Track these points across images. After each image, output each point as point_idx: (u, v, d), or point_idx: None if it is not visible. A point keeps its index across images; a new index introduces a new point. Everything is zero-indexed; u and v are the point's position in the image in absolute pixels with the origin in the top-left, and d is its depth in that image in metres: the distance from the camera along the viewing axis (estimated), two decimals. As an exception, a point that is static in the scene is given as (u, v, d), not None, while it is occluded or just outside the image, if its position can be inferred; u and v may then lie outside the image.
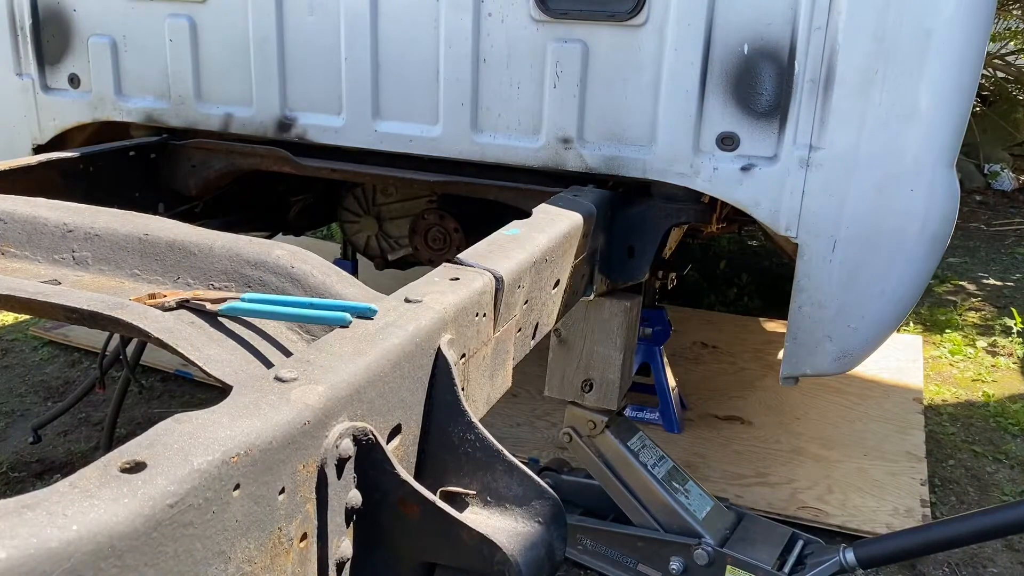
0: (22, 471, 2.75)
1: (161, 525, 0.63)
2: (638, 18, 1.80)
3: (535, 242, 1.44)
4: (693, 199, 1.91)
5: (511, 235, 1.44)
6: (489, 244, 1.38)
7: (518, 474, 1.00)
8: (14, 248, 1.27)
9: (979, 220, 6.26)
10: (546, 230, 1.51)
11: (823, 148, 1.71)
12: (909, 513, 2.55)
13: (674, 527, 2.06)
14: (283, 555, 0.78)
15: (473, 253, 1.31)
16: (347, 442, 0.84)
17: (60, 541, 0.56)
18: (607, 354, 2.02)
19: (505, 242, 1.40)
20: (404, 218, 2.93)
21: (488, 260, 1.28)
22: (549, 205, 1.67)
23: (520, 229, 1.48)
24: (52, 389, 3.28)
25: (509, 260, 1.31)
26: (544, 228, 1.52)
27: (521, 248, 1.38)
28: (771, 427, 3.06)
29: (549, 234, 1.49)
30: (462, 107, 1.99)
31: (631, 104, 1.86)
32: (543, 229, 1.51)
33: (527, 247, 1.40)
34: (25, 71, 2.45)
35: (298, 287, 1.17)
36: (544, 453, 2.78)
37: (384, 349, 0.95)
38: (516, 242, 1.41)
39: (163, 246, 1.22)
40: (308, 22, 2.11)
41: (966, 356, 3.90)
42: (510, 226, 1.50)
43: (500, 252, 1.34)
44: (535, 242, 1.44)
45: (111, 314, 1.01)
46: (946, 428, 3.20)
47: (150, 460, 0.66)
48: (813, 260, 1.77)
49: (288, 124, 2.20)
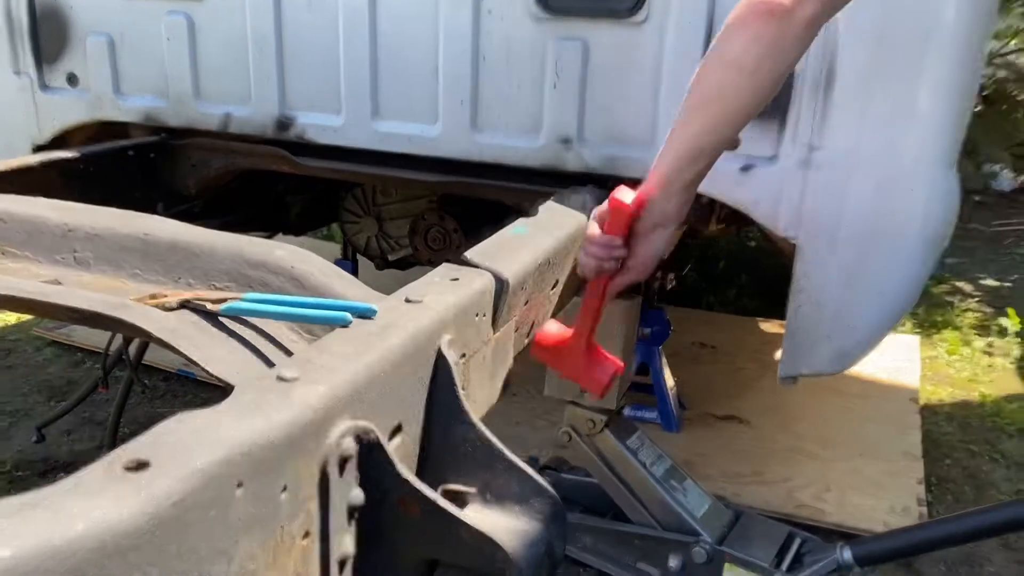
0: (26, 470, 2.76)
1: (164, 523, 0.63)
2: (638, 16, 1.80)
3: (540, 243, 1.44)
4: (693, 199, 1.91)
5: (517, 234, 1.45)
6: (495, 243, 1.38)
7: (518, 473, 1.00)
8: (15, 248, 1.28)
9: (978, 220, 6.27)
10: (552, 231, 1.51)
11: (823, 148, 1.71)
12: (906, 512, 2.55)
13: (672, 525, 2.06)
14: (285, 553, 0.78)
15: (480, 252, 1.31)
16: (349, 441, 0.84)
17: (64, 539, 0.56)
18: (606, 353, 2.02)
19: (511, 242, 1.41)
20: (404, 218, 2.94)
21: (494, 260, 1.29)
22: (555, 203, 1.67)
23: (527, 228, 1.49)
24: (55, 389, 3.27)
25: (515, 262, 1.32)
26: (550, 229, 1.52)
27: (527, 249, 1.39)
28: (769, 426, 3.06)
29: (555, 235, 1.50)
30: (461, 106, 1.99)
31: (631, 103, 1.86)
32: (549, 230, 1.51)
33: (533, 248, 1.41)
34: (23, 69, 2.45)
35: (299, 287, 1.17)
36: (544, 452, 2.78)
37: (385, 349, 0.95)
38: (522, 242, 1.41)
39: (164, 246, 1.22)
40: (307, 20, 2.11)
41: (963, 356, 3.91)
42: (516, 224, 1.50)
43: (506, 252, 1.34)
44: (540, 243, 1.44)
45: (113, 314, 1.01)
46: (943, 428, 3.21)
47: (153, 459, 0.66)
48: (812, 260, 1.77)
49: (287, 123, 2.20)
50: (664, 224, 1.30)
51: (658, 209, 1.28)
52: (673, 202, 1.28)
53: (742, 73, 1.19)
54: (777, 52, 1.17)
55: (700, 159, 1.25)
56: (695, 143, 1.24)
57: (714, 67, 1.23)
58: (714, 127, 1.23)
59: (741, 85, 1.20)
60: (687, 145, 1.25)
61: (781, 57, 1.18)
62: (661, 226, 1.30)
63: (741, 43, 1.19)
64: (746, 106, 1.22)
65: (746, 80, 1.19)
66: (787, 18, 1.15)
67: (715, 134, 1.24)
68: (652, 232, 1.30)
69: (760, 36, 1.16)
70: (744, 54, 1.18)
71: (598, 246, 1.30)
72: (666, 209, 1.28)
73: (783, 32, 1.16)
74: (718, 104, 1.22)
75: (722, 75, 1.21)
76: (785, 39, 1.16)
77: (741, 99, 1.21)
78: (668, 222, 1.30)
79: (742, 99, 1.21)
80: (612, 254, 1.30)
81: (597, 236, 1.31)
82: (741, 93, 1.20)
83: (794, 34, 1.16)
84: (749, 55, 1.17)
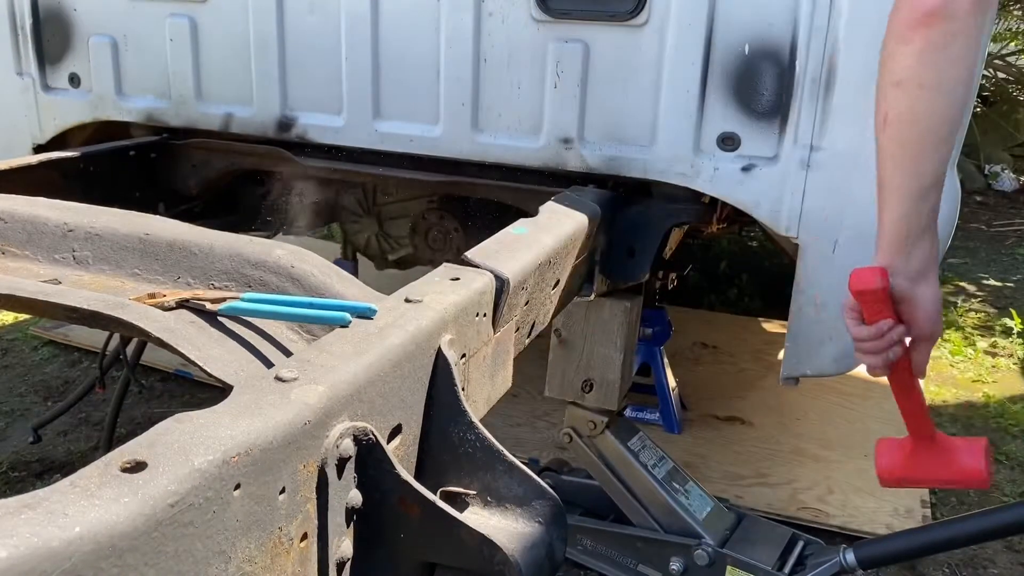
0: (22, 471, 2.75)
1: (162, 525, 0.63)
2: (639, 18, 1.80)
3: (541, 244, 1.44)
4: (693, 199, 1.91)
5: (518, 234, 1.45)
6: (496, 243, 1.38)
7: (518, 474, 1.00)
8: (15, 248, 1.27)
9: (979, 221, 6.26)
10: (553, 231, 1.51)
11: (824, 148, 1.71)
12: (909, 514, 2.55)
13: (674, 528, 2.06)
14: (283, 555, 0.78)
15: (480, 252, 1.31)
16: (347, 442, 0.84)
17: (61, 540, 0.56)
18: (607, 354, 2.01)
19: (512, 241, 1.41)
20: (404, 218, 2.93)
21: (495, 260, 1.29)
22: (556, 203, 1.66)
23: (527, 228, 1.48)
24: (52, 389, 3.27)
25: (515, 261, 1.32)
26: (551, 229, 1.52)
27: (527, 249, 1.39)
28: (771, 427, 3.06)
29: (555, 236, 1.50)
30: (463, 107, 1.99)
31: (632, 104, 1.86)
32: (550, 230, 1.51)
33: (533, 248, 1.40)
34: (25, 70, 2.45)
35: (298, 287, 1.17)
36: (544, 453, 2.77)
37: (384, 349, 0.95)
38: (523, 242, 1.41)
39: (164, 246, 1.22)
40: (309, 22, 2.11)
41: (966, 357, 3.90)
42: (517, 224, 1.50)
43: (507, 252, 1.34)
44: (541, 244, 1.44)
45: (112, 313, 1.01)
46: (946, 429, 3.20)
47: (151, 460, 0.66)
48: (814, 260, 1.77)
49: (288, 124, 2.20)
50: (923, 274, 1.17)
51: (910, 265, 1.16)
52: (927, 245, 1.16)
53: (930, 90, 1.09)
54: (955, 54, 1.07)
55: (933, 189, 1.13)
56: (920, 178, 1.12)
57: (896, 95, 1.12)
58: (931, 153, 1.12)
59: (937, 102, 1.09)
60: (913, 184, 1.13)
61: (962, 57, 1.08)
62: (925, 277, 1.17)
63: (914, 61, 1.09)
64: (952, 119, 1.11)
65: (940, 96, 1.09)
66: (950, 15, 1.06)
67: (936, 158, 1.12)
68: (916, 287, 1.16)
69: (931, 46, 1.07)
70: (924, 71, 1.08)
71: (870, 342, 1.18)
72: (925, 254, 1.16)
73: (953, 31, 1.06)
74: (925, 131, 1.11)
75: (912, 100, 1.10)
76: (958, 36, 1.06)
77: (941, 115, 1.10)
78: (926, 269, 1.17)
79: (943, 115, 1.10)
80: (890, 341, 1.17)
81: (863, 333, 1.18)
82: (938, 109, 1.10)
83: (964, 27, 1.06)
84: (929, 70, 1.08)
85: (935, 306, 1.18)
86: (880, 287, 1.13)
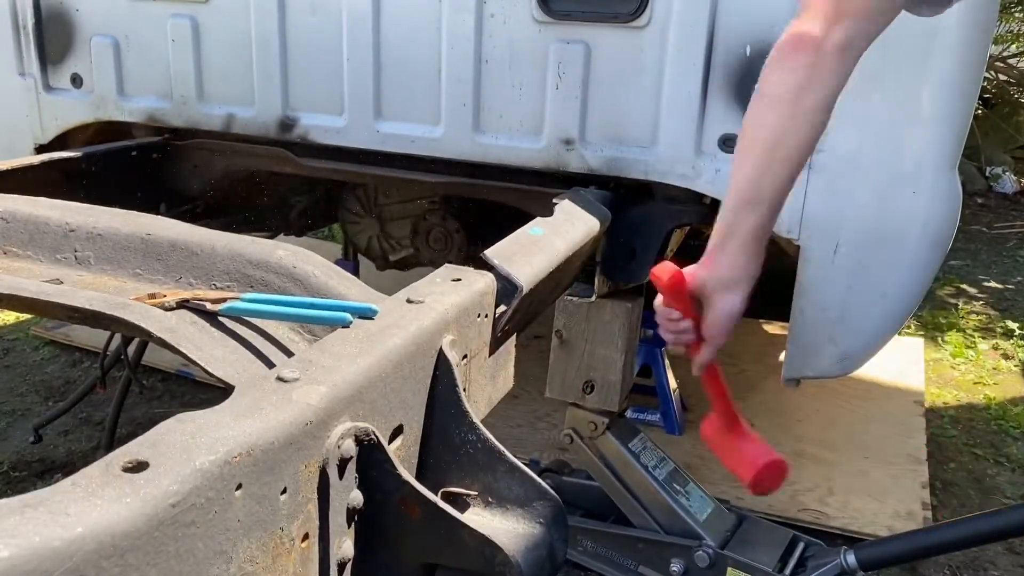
0: (23, 470, 2.75)
1: (163, 524, 0.63)
2: (640, 19, 1.80)
3: (555, 249, 1.45)
4: (695, 201, 1.91)
5: (535, 235, 1.45)
6: (515, 244, 1.38)
7: (519, 475, 1.00)
8: (16, 248, 1.27)
9: (980, 223, 6.26)
10: (567, 236, 1.52)
11: (825, 151, 1.71)
12: (910, 516, 2.54)
13: (675, 529, 2.06)
14: (285, 555, 0.78)
15: (499, 253, 1.32)
16: (349, 442, 0.84)
17: (63, 540, 0.56)
18: (608, 356, 2.01)
19: (529, 244, 1.41)
20: (406, 219, 2.93)
21: (512, 263, 1.29)
22: (571, 203, 1.66)
23: (543, 230, 1.49)
24: (53, 389, 3.28)
25: (530, 267, 1.32)
26: (565, 233, 1.52)
27: (542, 253, 1.40)
28: (772, 429, 3.05)
29: (568, 241, 1.51)
30: (464, 108, 1.99)
31: (633, 105, 1.86)
32: (564, 235, 1.52)
33: (547, 253, 1.41)
34: (28, 71, 2.46)
35: (300, 287, 1.17)
36: (545, 454, 2.77)
37: (386, 349, 0.95)
38: (539, 246, 1.42)
39: (165, 246, 1.22)
40: (310, 23, 2.11)
41: (967, 359, 3.89)
42: (534, 225, 1.50)
43: (523, 256, 1.34)
44: (555, 249, 1.45)
45: (113, 313, 1.01)
46: (947, 431, 3.20)
47: (152, 459, 0.66)
48: (815, 262, 1.77)
49: (290, 124, 2.20)
50: (731, 284, 1.19)
51: (716, 271, 1.19)
52: (737, 257, 1.18)
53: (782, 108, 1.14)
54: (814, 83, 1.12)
55: (759, 204, 1.16)
56: (750, 189, 1.16)
57: (755, 107, 1.18)
58: (767, 167, 1.15)
59: (784, 121, 1.14)
60: (741, 192, 1.17)
61: (819, 88, 1.13)
62: (727, 288, 1.19)
63: (777, 79, 1.15)
64: (797, 142, 1.15)
65: (788, 115, 1.14)
66: (818, 48, 1.11)
67: (770, 175, 1.16)
68: (718, 294, 1.20)
69: (794, 69, 1.13)
70: (781, 89, 1.14)
71: (661, 319, 1.25)
72: (732, 264, 1.18)
73: (816, 62, 1.12)
74: (764, 144, 1.16)
75: (764, 113, 1.16)
76: (820, 69, 1.12)
77: (787, 135, 1.14)
78: (736, 281, 1.19)
79: (788, 135, 1.14)
80: (675, 328, 1.24)
81: (658, 310, 1.25)
82: (785, 129, 1.14)
83: (828, 63, 1.12)
84: (786, 89, 1.14)
85: (727, 318, 1.22)
86: (669, 284, 1.19)
